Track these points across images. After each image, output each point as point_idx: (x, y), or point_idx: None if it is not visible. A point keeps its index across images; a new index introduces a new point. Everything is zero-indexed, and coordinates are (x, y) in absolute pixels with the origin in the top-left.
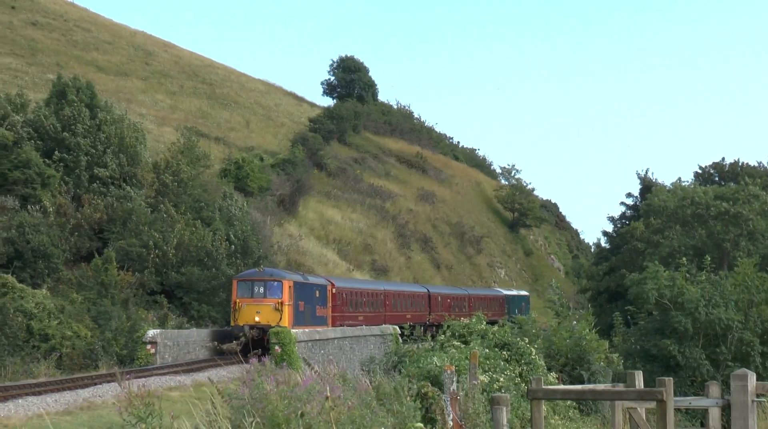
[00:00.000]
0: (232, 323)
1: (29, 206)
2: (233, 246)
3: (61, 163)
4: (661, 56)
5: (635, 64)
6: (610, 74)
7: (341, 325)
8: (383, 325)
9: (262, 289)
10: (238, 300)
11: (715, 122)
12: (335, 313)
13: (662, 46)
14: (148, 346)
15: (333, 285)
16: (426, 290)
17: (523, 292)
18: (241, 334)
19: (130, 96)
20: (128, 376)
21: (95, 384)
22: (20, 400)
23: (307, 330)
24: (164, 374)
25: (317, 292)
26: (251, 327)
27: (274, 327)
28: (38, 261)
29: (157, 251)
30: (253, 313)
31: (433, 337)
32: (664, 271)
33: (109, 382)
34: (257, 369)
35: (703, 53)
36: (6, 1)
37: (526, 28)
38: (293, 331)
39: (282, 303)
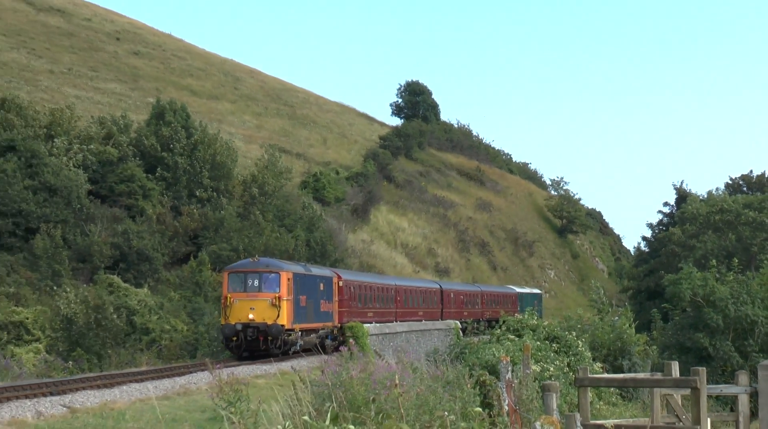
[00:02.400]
0: (222, 321)
1: (135, 216)
2: (313, 250)
3: (162, 180)
4: (695, 77)
5: (671, 86)
6: (650, 95)
7: (348, 323)
8: (447, 320)
9: (256, 282)
10: (229, 295)
11: (745, 137)
12: (342, 309)
13: (693, 69)
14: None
15: (339, 277)
16: (438, 286)
17: (536, 291)
18: (233, 335)
19: (221, 117)
20: (219, 365)
21: (191, 372)
22: (124, 387)
23: (377, 324)
24: (252, 363)
25: (322, 285)
26: (244, 326)
27: (271, 325)
28: (141, 263)
29: (245, 254)
30: (247, 309)
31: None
32: (698, 273)
33: (202, 370)
34: (345, 356)
35: (736, 76)
36: (112, 33)
37: (576, 59)
38: (365, 325)
39: (279, 298)
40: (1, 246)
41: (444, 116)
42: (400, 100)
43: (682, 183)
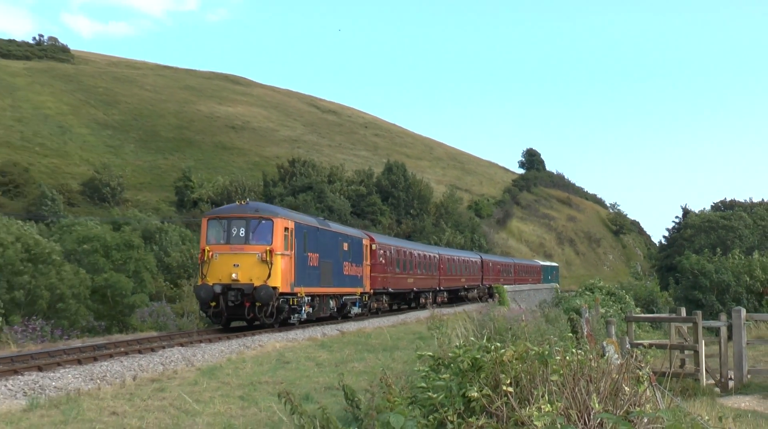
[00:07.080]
0: (199, 281)
1: (376, 225)
2: (474, 243)
3: (391, 205)
4: (696, 134)
5: (686, 139)
6: (672, 145)
7: (385, 289)
8: (551, 283)
9: (242, 231)
10: (207, 247)
11: (724, 175)
12: (375, 274)
13: (696, 128)
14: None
15: (372, 240)
16: (479, 257)
17: (554, 264)
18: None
19: (422, 170)
20: (434, 305)
21: (406, 312)
22: (370, 321)
23: (512, 284)
24: (442, 307)
25: (345, 244)
26: (224, 288)
27: (260, 287)
28: None
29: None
30: (230, 266)
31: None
32: (695, 256)
33: (412, 310)
34: (493, 304)
35: (718, 133)
36: (362, 123)
37: (626, 127)
38: (504, 286)
39: (272, 251)
40: None
41: (548, 167)
42: (522, 159)
43: (686, 205)
